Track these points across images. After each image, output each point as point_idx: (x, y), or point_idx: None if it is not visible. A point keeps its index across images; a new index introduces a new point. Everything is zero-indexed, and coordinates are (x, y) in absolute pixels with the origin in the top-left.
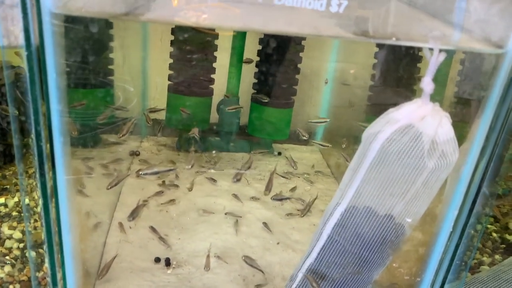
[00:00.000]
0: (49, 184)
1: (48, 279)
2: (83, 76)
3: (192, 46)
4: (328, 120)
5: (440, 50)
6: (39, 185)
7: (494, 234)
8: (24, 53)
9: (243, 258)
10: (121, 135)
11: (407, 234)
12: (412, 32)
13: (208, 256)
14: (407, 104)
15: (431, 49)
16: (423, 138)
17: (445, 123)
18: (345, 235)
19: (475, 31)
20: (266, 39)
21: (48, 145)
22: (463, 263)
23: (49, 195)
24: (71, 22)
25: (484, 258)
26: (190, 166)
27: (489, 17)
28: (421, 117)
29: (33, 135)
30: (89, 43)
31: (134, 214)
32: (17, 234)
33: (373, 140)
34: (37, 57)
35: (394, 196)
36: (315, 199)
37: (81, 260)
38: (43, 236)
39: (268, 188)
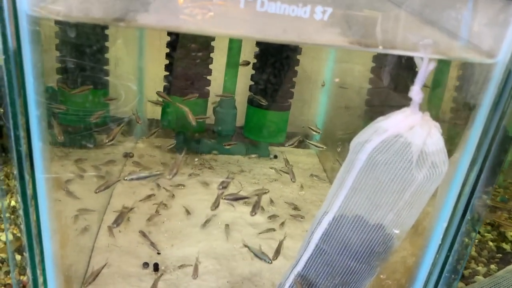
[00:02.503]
0: (28, 188)
1: (30, 284)
2: (78, 76)
3: (188, 47)
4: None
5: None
6: (18, 189)
7: (491, 243)
8: (1, 57)
9: None
10: (107, 140)
11: (396, 245)
12: (400, 41)
13: (196, 264)
14: (396, 113)
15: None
16: (412, 149)
17: (434, 133)
18: (332, 244)
19: (466, 40)
20: (263, 41)
21: (27, 149)
22: (453, 275)
23: (29, 199)
24: (62, 22)
25: (479, 268)
26: (171, 176)
27: (480, 26)
28: (410, 127)
29: (12, 139)
30: (83, 43)
31: (118, 221)
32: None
33: (360, 149)
34: (15, 61)
35: (382, 207)
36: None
37: (63, 265)
38: (24, 240)
39: (255, 209)
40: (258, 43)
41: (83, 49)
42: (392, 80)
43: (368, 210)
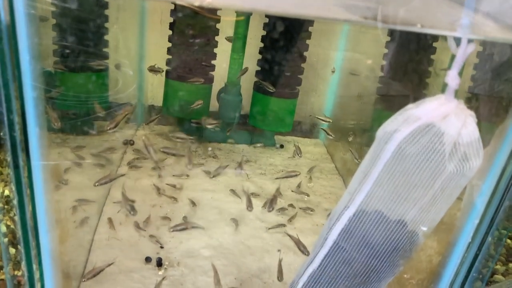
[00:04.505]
0: (24, 177)
1: (25, 279)
2: (76, 59)
3: (192, 29)
4: (331, 121)
5: (469, 40)
6: (13, 179)
7: (509, 241)
8: None
9: None
10: (109, 127)
11: (421, 242)
12: (437, 19)
13: (215, 272)
14: (428, 100)
15: (456, 39)
16: (445, 140)
17: (469, 123)
18: (352, 242)
19: (507, 20)
20: (271, 24)
21: (22, 135)
22: (480, 275)
23: (25, 189)
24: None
25: (498, 267)
26: (191, 166)
27: None
28: (444, 116)
29: (5, 124)
30: (81, 24)
31: (130, 203)
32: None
33: (389, 140)
34: (8, 37)
35: (409, 201)
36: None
37: (61, 259)
38: (18, 233)
39: (272, 205)
40: (266, 26)
41: (82, 30)
42: (405, 68)
43: (393, 205)
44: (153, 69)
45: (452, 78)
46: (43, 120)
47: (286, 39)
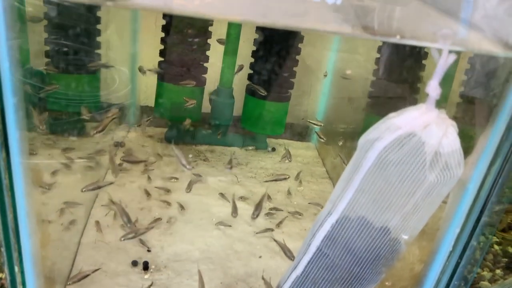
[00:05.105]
0: (4, 180)
1: (7, 282)
2: (67, 60)
3: (185, 32)
4: (322, 125)
5: (450, 51)
6: None
7: (496, 247)
8: None
9: None
10: (96, 131)
11: (403, 250)
12: (419, 30)
13: (200, 276)
14: (410, 109)
15: (439, 50)
16: (426, 149)
17: (450, 132)
18: (335, 248)
19: (489, 32)
20: (263, 28)
21: (2, 139)
22: (463, 282)
23: (6, 192)
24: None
25: (484, 273)
26: (191, 167)
27: (506, 16)
28: (425, 125)
29: None
30: (73, 25)
31: (128, 217)
32: None
33: (370, 148)
34: None
35: (390, 209)
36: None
37: (45, 263)
38: (0, 236)
39: (256, 212)
40: (258, 30)
41: (74, 32)
42: (396, 72)
43: (375, 213)
44: (141, 70)
45: (433, 88)
46: (23, 124)
47: (278, 42)
